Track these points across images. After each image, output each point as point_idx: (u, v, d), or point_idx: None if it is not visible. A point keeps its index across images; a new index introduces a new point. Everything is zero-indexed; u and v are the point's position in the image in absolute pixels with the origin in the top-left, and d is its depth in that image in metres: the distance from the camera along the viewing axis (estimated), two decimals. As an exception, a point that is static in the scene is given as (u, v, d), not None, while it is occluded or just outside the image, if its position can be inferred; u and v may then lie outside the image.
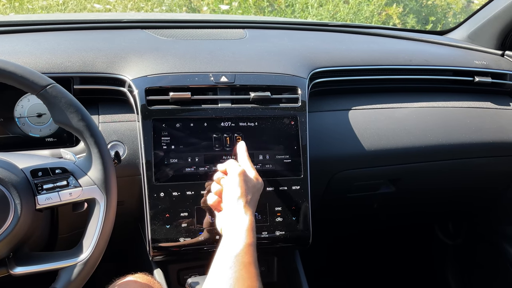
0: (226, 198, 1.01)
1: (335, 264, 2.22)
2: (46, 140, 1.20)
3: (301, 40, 1.58)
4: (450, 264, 2.02)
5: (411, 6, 5.27)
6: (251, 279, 0.83)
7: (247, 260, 0.86)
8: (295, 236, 1.21)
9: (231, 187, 1.01)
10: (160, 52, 1.29)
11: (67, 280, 0.89)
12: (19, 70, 0.89)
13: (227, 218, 0.98)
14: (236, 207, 0.98)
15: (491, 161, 1.56)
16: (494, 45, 1.74)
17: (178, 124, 1.16)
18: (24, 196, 0.87)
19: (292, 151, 1.21)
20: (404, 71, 1.51)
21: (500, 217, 1.81)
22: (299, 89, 1.25)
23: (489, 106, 1.57)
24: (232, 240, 0.91)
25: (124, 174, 1.14)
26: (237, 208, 0.98)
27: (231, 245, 0.89)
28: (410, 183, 1.55)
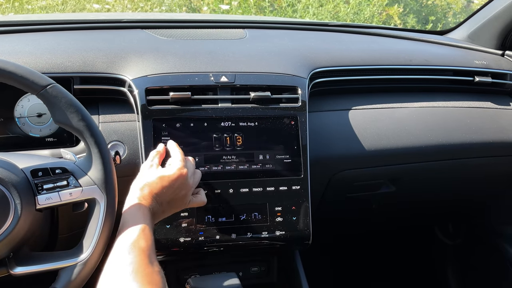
0: (141, 180, 1.00)
1: (335, 264, 2.22)
2: (46, 140, 1.20)
3: (301, 40, 1.58)
4: (450, 264, 2.02)
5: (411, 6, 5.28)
6: (150, 264, 0.83)
7: (143, 245, 0.85)
8: (295, 236, 1.21)
9: (154, 175, 1.00)
10: (160, 52, 1.29)
11: (67, 280, 0.89)
12: (19, 70, 0.89)
13: (127, 201, 0.96)
14: (137, 194, 0.97)
15: (491, 161, 1.56)
16: (494, 45, 1.74)
17: (178, 124, 1.16)
18: (24, 196, 0.87)
19: (292, 151, 1.21)
20: (404, 71, 1.51)
21: (500, 217, 1.81)
22: (299, 89, 1.25)
23: (489, 106, 1.57)
24: (128, 226, 0.90)
25: (124, 174, 1.13)
26: (138, 195, 0.96)
27: (128, 231, 0.88)
28: (410, 183, 1.55)
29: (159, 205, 0.99)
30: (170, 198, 1.01)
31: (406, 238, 2.17)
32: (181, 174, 1.01)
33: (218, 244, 1.16)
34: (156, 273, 0.82)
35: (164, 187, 0.99)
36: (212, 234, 1.15)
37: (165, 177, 1.00)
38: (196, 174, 1.11)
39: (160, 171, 1.02)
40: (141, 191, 0.97)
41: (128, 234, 0.88)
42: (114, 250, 0.86)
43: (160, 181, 0.99)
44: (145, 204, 0.95)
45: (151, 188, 0.98)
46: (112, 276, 0.81)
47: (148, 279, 0.79)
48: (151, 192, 0.98)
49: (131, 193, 0.98)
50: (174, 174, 1.00)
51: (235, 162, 1.18)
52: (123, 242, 0.86)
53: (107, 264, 0.83)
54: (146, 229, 0.89)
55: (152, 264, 0.83)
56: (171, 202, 1.01)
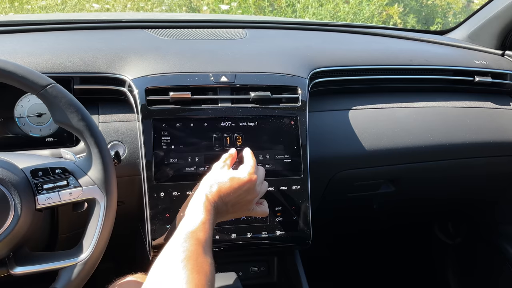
0: (212, 177, 1.02)
1: (335, 264, 2.22)
2: (46, 140, 1.20)
3: (302, 40, 1.58)
4: (450, 264, 2.02)
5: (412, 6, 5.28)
6: (204, 255, 0.85)
7: (201, 236, 0.88)
8: (295, 236, 1.21)
9: (225, 175, 1.02)
10: (160, 52, 1.28)
11: (67, 280, 0.89)
12: (19, 70, 0.89)
13: (195, 194, 0.99)
14: (206, 190, 0.99)
15: (491, 161, 1.56)
16: (494, 45, 1.74)
17: (178, 124, 1.15)
18: (24, 196, 0.87)
19: (292, 151, 1.21)
20: (405, 71, 1.51)
21: (500, 216, 1.81)
22: (299, 89, 1.25)
23: (489, 106, 1.57)
24: (191, 217, 0.92)
25: (124, 174, 1.13)
26: (206, 191, 0.99)
27: (189, 222, 0.91)
28: (410, 183, 1.55)
29: (224, 205, 1.00)
30: (236, 200, 1.02)
31: (406, 238, 2.17)
32: (251, 179, 1.03)
33: (218, 244, 1.16)
34: (207, 264, 0.83)
35: (232, 189, 1.00)
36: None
37: (235, 179, 1.01)
38: (264, 184, 1.12)
39: (232, 172, 1.03)
40: (210, 188, 0.99)
41: (188, 224, 0.90)
42: (172, 237, 0.88)
43: (229, 182, 1.01)
44: (211, 200, 0.97)
45: (219, 187, 1.00)
46: (165, 261, 0.83)
47: (197, 268, 0.80)
48: (219, 191, 0.99)
49: (200, 187, 1.01)
50: (244, 178, 1.02)
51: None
52: (182, 231, 0.89)
53: (163, 250, 0.86)
54: (207, 223, 0.92)
55: (206, 255, 0.85)
56: (236, 205, 1.03)
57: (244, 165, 1.08)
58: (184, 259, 0.81)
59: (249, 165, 1.07)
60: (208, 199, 0.97)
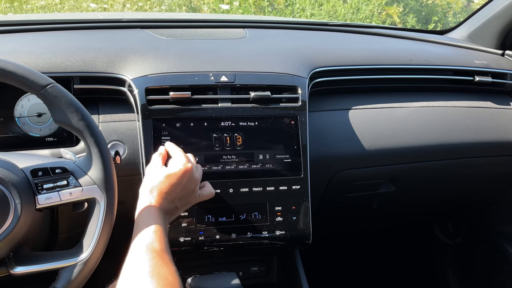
0: (148, 182, 1.01)
1: (335, 264, 2.22)
2: (46, 140, 1.20)
3: (301, 40, 1.58)
4: (450, 264, 2.02)
5: (411, 6, 5.28)
6: (166, 265, 0.84)
7: (157, 246, 0.87)
8: (295, 235, 1.21)
9: (160, 175, 1.01)
10: (160, 51, 1.28)
11: (67, 280, 0.89)
12: (19, 70, 0.89)
13: (138, 205, 0.98)
14: (147, 197, 0.98)
15: (491, 161, 1.55)
16: (494, 45, 1.74)
17: (178, 124, 1.15)
18: (24, 196, 0.87)
19: (292, 150, 1.21)
20: (405, 71, 1.51)
21: (500, 216, 1.81)
22: (299, 88, 1.25)
23: (489, 105, 1.57)
24: (142, 229, 0.91)
25: (124, 173, 1.13)
26: (148, 198, 0.98)
27: (142, 234, 0.90)
28: (410, 183, 1.55)
29: (171, 203, 1.00)
30: (180, 194, 1.02)
31: (406, 238, 2.17)
32: (187, 169, 1.02)
33: (218, 243, 1.16)
34: (172, 273, 0.83)
35: (172, 185, 1.00)
36: (212, 233, 1.15)
37: (171, 175, 1.01)
38: (199, 168, 1.12)
39: (166, 170, 1.03)
40: (150, 194, 0.98)
41: (142, 237, 0.89)
42: (129, 254, 0.87)
43: (167, 179, 1.00)
44: (156, 205, 0.97)
45: (160, 189, 0.99)
46: (130, 279, 0.83)
47: (164, 281, 0.80)
48: (160, 193, 0.99)
49: (141, 197, 0.99)
50: (180, 170, 1.01)
51: (235, 161, 1.18)
52: (137, 246, 0.88)
53: (124, 269, 0.85)
54: (159, 231, 0.91)
55: (167, 264, 0.85)
56: (182, 198, 1.03)
57: (174, 158, 1.07)
58: (148, 275, 0.81)
59: (179, 156, 1.06)
60: (153, 205, 0.96)
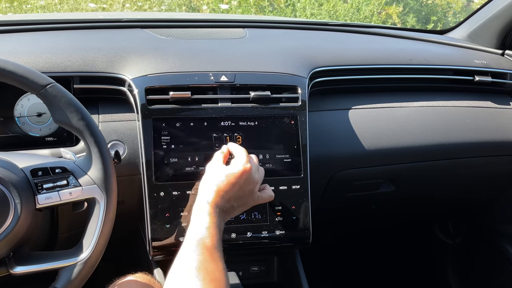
0: (208, 179, 1.01)
1: (335, 264, 2.22)
2: (46, 140, 1.20)
3: (301, 40, 1.58)
4: (450, 264, 2.02)
5: (411, 6, 5.28)
6: (214, 261, 0.86)
7: (208, 243, 0.89)
8: (295, 235, 1.21)
9: (220, 173, 1.01)
10: (160, 51, 1.28)
11: (67, 279, 0.89)
12: (19, 70, 0.89)
13: (196, 201, 1.00)
14: (205, 194, 0.99)
15: (491, 161, 1.55)
16: (494, 44, 1.74)
17: (178, 124, 1.15)
18: (24, 196, 0.87)
19: (292, 150, 1.21)
20: (404, 71, 1.51)
21: (500, 216, 1.81)
22: (299, 88, 1.25)
23: (489, 105, 1.56)
24: (196, 225, 0.93)
25: (124, 173, 1.13)
26: (206, 195, 0.98)
27: (195, 230, 0.92)
28: (410, 183, 1.55)
29: (228, 202, 1.00)
30: (237, 194, 1.02)
31: (406, 237, 2.17)
32: (245, 170, 1.02)
33: (218, 243, 1.16)
34: (220, 271, 0.85)
35: (230, 184, 1.00)
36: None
37: (230, 175, 1.01)
38: (260, 170, 1.12)
39: (226, 169, 1.03)
40: (208, 191, 0.99)
41: (194, 233, 0.91)
42: (181, 248, 0.89)
43: (226, 179, 1.00)
44: (213, 202, 0.97)
45: (218, 187, 0.99)
46: (177, 273, 0.85)
47: (211, 277, 0.82)
48: (218, 191, 0.99)
49: (200, 193, 1.01)
50: (239, 171, 1.01)
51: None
52: (189, 240, 0.90)
53: (174, 262, 0.87)
54: (212, 227, 0.92)
55: (216, 261, 0.86)
56: (240, 199, 1.03)
57: (236, 157, 1.07)
58: (195, 269, 0.82)
59: (240, 156, 1.06)
60: (209, 202, 0.97)
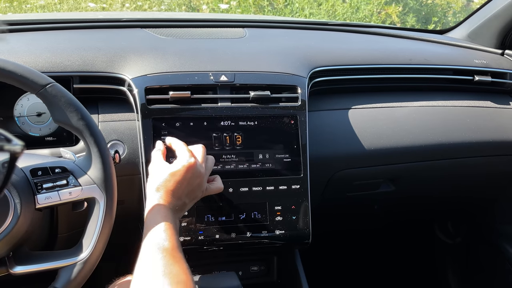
0: (154, 182, 1.00)
1: (335, 264, 2.22)
2: (46, 139, 1.20)
3: (301, 39, 1.58)
4: (450, 264, 2.02)
5: (411, 5, 5.27)
6: (177, 263, 0.84)
7: (168, 245, 0.87)
8: (294, 235, 1.21)
9: (164, 173, 1.00)
10: (160, 51, 1.28)
11: (67, 279, 0.89)
12: (19, 69, 0.89)
13: (147, 205, 0.98)
14: (154, 196, 0.98)
15: (491, 161, 1.55)
16: (494, 44, 1.74)
17: (177, 123, 1.15)
18: (23, 196, 0.87)
19: (291, 150, 1.21)
20: (404, 70, 1.51)
21: (499, 216, 1.81)
22: (299, 88, 1.25)
23: (489, 105, 1.57)
24: (152, 229, 0.91)
25: (124, 173, 1.13)
26: (155, 197, 0.97)
27: (152, 234, 0.90)
28: (410, 182, 1.55)
29: (178, 200, 1.00)
30: (187, 190, 1.01)
31: (406, 237, 2.17)
32: (190, 165, 1.01)
33: (218, 243, 1.16)
34: (184, 272, 0.83)
35: (177, 182, 0.99)
36: (212, 233, 1.15)
37: (175, 172, 1.00)
38: (209, 160, 1.11)
39: (169, 167, 1.02)
40: (157, 192, 0.98)
41: (152, 237, 0.89)
42: (140, 254, 0.87)
43: (172, 177, 1.00)
44: (164, 203, 0.96)
45: (166, 187, 0.99)
46: (143, 279, 0.83)
47: (177, 279, 0.81)
48: (167, 191, 0.98)
49: (148, 197, 0.99)
50: (183, 167, 1.00)
51: (234, 161, 1.18)
52: (148, 245, 0.88)
53: (136, 269, 0.85)
54: (169, 229, 0.91)
55: (179, 263, 0.85)
56: (189, 194, 1.02)
57: (177, 153, 1.06)
58: (161, 274, 0.81)
59: (181, 151, 1.05)
60: (161, 204, 0.96)
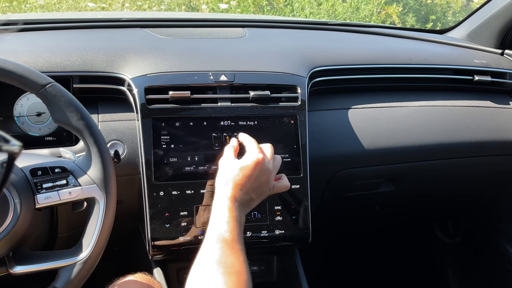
0: (223, 175, 1.02)
1: (334, 263, 2.22)
2: (46, 139, 1.20)
3: (301, 39, 1.58)
4: (449, 263, 2.02)
5: (411, 5, 5.27)
6: (234, 254, 0.87)
7: (228, 237, 0.90)
8: (294, 235, 1.21)
9: (234, 167, 1.02)
10: (160, 51, 1.28)
11: (66, 279, 0.89)
12: (19, 69, 0.89)
13: (215, 198, 1.01)
14: (223, 189, 1.00)
15: (491, 160, 1.56)
16: (494, 44, 1.74)
17: (177, 123, 1.15)
18: (23, 195, 0.87)
19: (291, 150, 1.21)
20: (404, 70, 1.51)
21: (499, 216, 1.81)
22: (299, 88, 1.25)
23: (488, 105, 1.57)
24: (215, 220, 0.95)
25: (124, 173, 1.13)
26: (224, 190, 1.00)
27: (215, 225, 0.94)
28: (410, 182, 1.55)
29: (246, 194, 1.01)
30: (254, 185, 1.03)
31: (406, 237, 2.17)
32: (258, 161, 1.03)
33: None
34: (240, 263, 0.86)
35: (246, 176, 1.01)
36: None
37: (244, 167, 1.02)
38: (276, 159, 1.13)
39: (239, 162, 1.04)
40: (226, 186, 1.00)
41: (214, 228, 0.93)
42: (202, 244, 0.91)
43: (241, 171, 1.02)
44: (232, 197, 0.99)
45: (234, 181, 1.01)
46: (198, 268, 0.86)
47: (230, 269, 0.84)
48: (235, 185, 1.00)
49: (217, 190, 1.02)
50: (252, 162, 1.03)
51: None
52: (209, 236, 0.92)
53: (196, 258, 0.88)
54: (232, 221, 0.94)
55: (236, 254, 0.88)
56: (256, 189, 1.04)
57: (247, 149, 1.08)
58: (216, 263, 0.84)
59: (251, 147, 1.07)
60: (228, 197, 0.98)
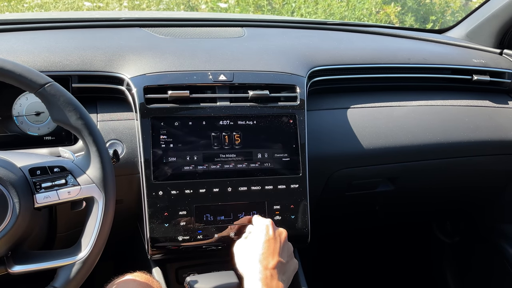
0: (247, 260, 1.01)
1: (334, 263, 2.22)
2: (45, 139, 1.20)
3: (300, 39, 1.58)
4: (448, 263, 2.02)
5: (409, 5, 5.28)
6: None
7: None
8: (293, 234, 1.20)
9: (255, 246, 1.01)
10: (159, 50, 1.28)
11: (65, 278, 0.89)
12: (17, 69, 0.89)
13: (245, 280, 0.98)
14: (258, 274, 0.97)
15: (490, 160, 1.56)
16: (493, 44, 1.74)
17: (176, 123, 1.15)
18: (22, 195, 0.87)
19: (290, 149, 1.21)
20: (403, 70, 1.51)
21: (498, 215, 1.81)
22: (298, 87, 1.25)
23: (487, 104, 1.57)
24: None
25: (123, 172, 1.13)
26: (258, 275, 0.97)
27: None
28: (409, 182, 1.55)
29: (274, 260, 1.00)
30: (276, 248, 1.02)
31: (405, 236, 2.17)
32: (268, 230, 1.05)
33: (217, 242, 1.16)
34: None
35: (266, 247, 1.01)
36: (211, 232, 1.15)
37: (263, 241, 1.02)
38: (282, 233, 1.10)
39: (254, 240, 1.04)
40: (263, 273, 0.97)
41: None
42: None
43: (262, 246, 1.01)
44: (273, 277, 0.97)
45: (260, 258, 0.99)
46: None
47: None
48: (262, 260, 0.99)
49: (247, 279, 0.98)
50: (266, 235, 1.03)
51: (233, 160, 1.18)
52: None
53: None
54: None
55: None
56: (280, 252, 1.03)
57: (255, 226, 1.09)
58: None
59: (257, 226, 1.08)
60: (273, 279, 0.97)
